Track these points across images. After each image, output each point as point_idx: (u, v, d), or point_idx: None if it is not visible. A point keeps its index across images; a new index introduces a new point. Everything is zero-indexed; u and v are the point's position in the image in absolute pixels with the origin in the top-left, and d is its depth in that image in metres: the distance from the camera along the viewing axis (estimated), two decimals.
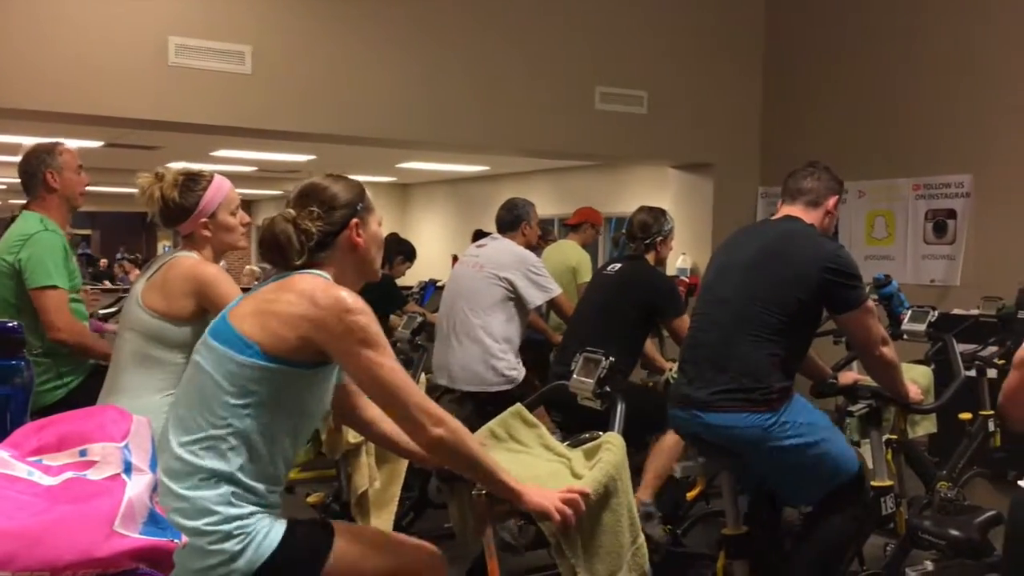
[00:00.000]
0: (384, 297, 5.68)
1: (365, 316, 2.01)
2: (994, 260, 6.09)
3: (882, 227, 7.30)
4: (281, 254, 2.10)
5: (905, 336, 3.82)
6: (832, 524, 2.91)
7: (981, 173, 6.63)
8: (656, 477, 3.70)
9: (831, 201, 3.06)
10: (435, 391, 4.73)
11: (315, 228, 2.11)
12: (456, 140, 6.51)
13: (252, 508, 1.98)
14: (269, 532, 1.98)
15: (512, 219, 4.66)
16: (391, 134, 6.18)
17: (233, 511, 1.95)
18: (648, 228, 3.98)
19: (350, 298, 2.01)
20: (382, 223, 2.31)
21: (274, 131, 5.82)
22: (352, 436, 3.27)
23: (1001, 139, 6.48)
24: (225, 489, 1.95)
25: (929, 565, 2.30)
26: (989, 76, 6.56)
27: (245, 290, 2.31)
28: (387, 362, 2.01)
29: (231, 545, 1.92)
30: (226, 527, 1.93)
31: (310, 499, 3.90)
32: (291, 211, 2.12)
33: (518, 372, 4.35)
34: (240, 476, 1.97)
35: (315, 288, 2.02)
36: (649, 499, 3.68)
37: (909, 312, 3.95)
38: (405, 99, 6.01)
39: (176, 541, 1.28)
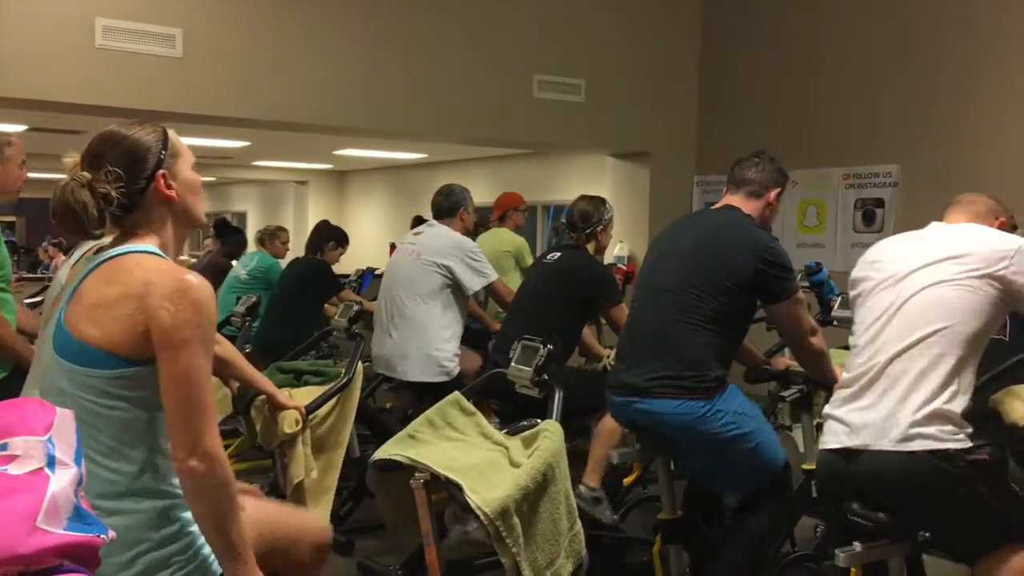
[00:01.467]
0: (320, 284, 5.63)
1: (206, 309, 1.81)
2: None
3: (813, 215, 7.45)
4: (78, 225, 1.83)
5: (835, 322, 3.90)
6: (760, 516, 2.97)
7: (908, 163, 6.81)
8: (600, 462, 3.73)
9: (772, 193, 3.10)
10: (373, 380, 4.69)
11: (115, 191, 1.84)
12: (393, 127, 6.46)
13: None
14: None
15: (449, 205, 4.63)
16: (327, 120, 6.10)
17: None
18: (589, 217, 3.99)
19: (195, 282, 1.81)
20: (195, 164, 2.01)
21: (206, 116, 5.70)
22: (288, 426, 3.22)
23: (927, 131, 6.66)
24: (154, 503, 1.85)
25: (858, 546, 2.35)
26: (916, 70, 6.73)
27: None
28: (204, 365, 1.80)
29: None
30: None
31: None
32: (85, 174, 1.85)
33: (455, 365, 4.33)
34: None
35: (149, 273, 1.81)
36: (596, 484, 3.71)
37: (839, 299, 4.04)
38: (341, 85, 5.94)
39: (103, 536, 1.25)
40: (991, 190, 5.15)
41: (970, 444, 2.25)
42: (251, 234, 8.18)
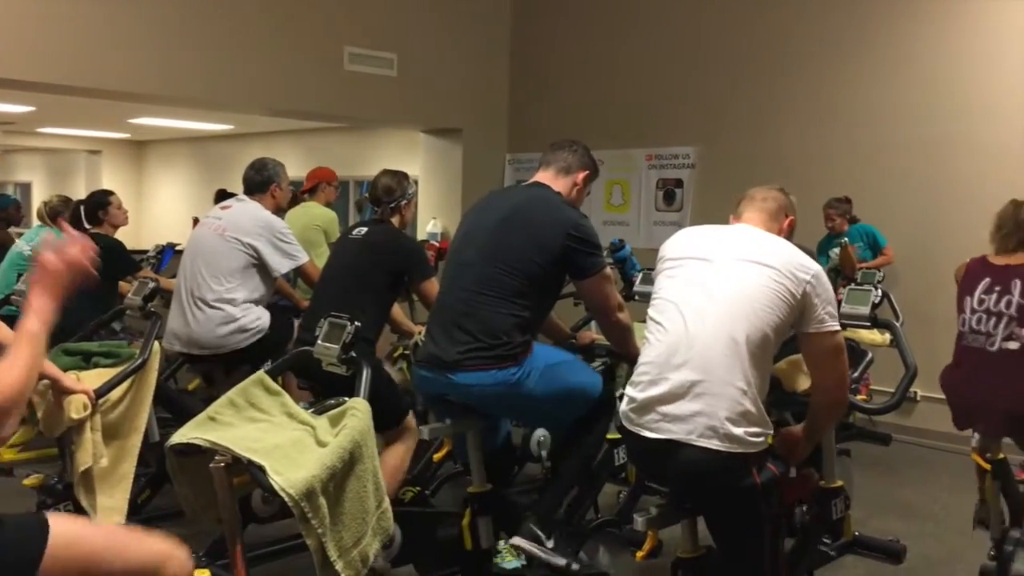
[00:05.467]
0: (114, 262, 5.27)
1: None
2: None
3: (619, 195, 7.74)
4: None
5: (637, 297, 4.06)
6: (590, 434, 3.08)
7: (704, 145, 7.19)
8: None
9: (581, 175, 3.17)
10: (172, 361, 4.47)
11: None
12: (194, 96, 6.15)
13: None
14: None
15: (262, 180, 4.44)
16: (120, 86, 5.72)
17: None
18: (392, 192, 3.93)
19: None
20: None
21: None
22: (75, 411, 3.02)
23: (721, 115, 7.05)
24: None
25: (654, 510, 2.47)
26: (713, 57, 7.09)
27: None
28: None
29: None
30: None
31: (27, 481, 3.56)
32: None
33: (264, 320, 4.18)
34: None
35: None
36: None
37: (640, 275, 4.20)
38: (138, 49, 5.58)
39: None
40: (780, 172, 5.54)
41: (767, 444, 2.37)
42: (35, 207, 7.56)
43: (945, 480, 5.18)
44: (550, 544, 2.85)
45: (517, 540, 2.87)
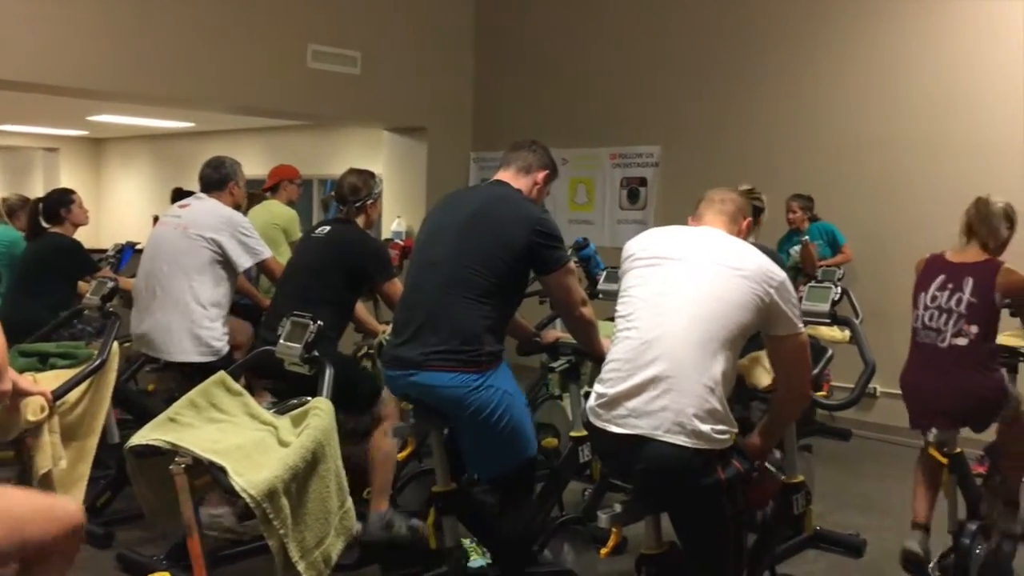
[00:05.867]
0: (72, 262, 5.20)
1: None
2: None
3: (583, 193, 7.76)
4: None
5: (601, 295, 4.08)
6: (520, 510, 3.04)
7: (668, 144, 7.23)
8: (384, 487, 3.58)
9: (541, 174, 3.18)
10: (135, 360, 4.41)
11: None
12: (154, 92, 6.07)
13: None
14: None
15: (219, 178, 4.41)
16: (78, 83, 5.64)
17: None
18: (358, 191, 3.91)
19: None
20: None
21: None
22: (32, 414, 2.96)
23: (685, 114, 7.10)
24: None
25: (618, 507, 2.48)
26: (677, 57, 7.14)
27: None
28: None
29: None
30: None
31: None
32: None
33: (223, 344, 4.15)
34: None
35: None
36: (385, 507, 3.52)
37: (604, 273, 4.22)
38: (94, 46, 5.50)
39: None
40: (743, 171, 5.59)
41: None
42: None
43: (904, 474, 5.25)
44: None
45: None
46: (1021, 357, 3.85)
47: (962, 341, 3.29)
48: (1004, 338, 3.64)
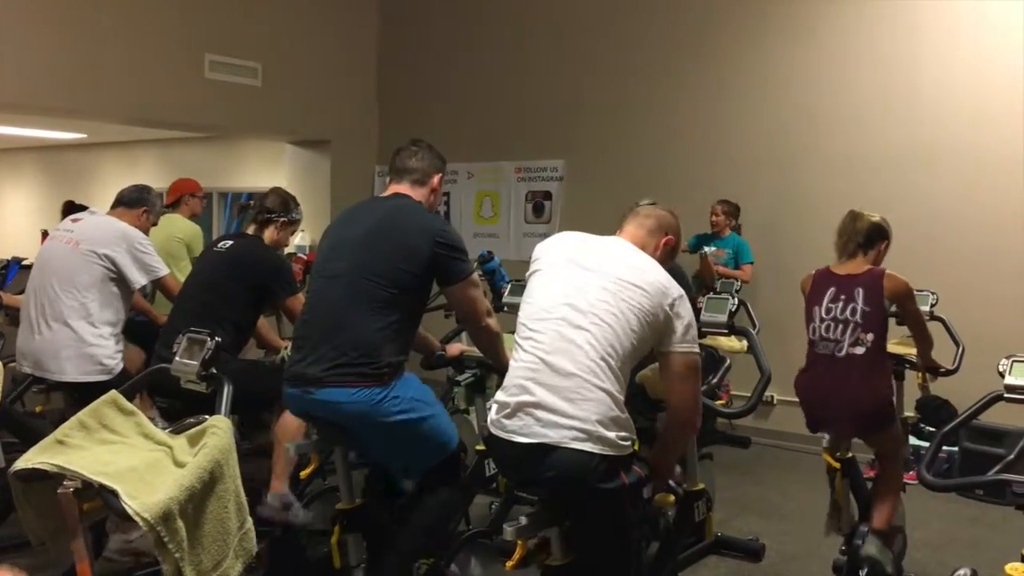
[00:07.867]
0: None
1: None
2: None
3: (489, 207, 7.79)
4: None
5: (506, 308, 4.09)
6: (439, 495, 3.04)
7: (572, 158, 7.33)
8: (285, 466, 3.60)
9: (435, 179, 3.18)
10: (20, 382, 4.21)
11: None
12: (42, 103, 5.83)
13: None
14: None
15: (136, 198, 4.30)
16: None
17: None
18: (286, 204, 3.94)
19: None
20: None
21: None
22: None
23: (586, 129, 7.21)
24: None
25: (523, 519, 2.48)
26: (580, 72, 7.24)
27: None
28: None
29: None
30: None
31: None
32: None
33: (117, 362, 4.00)
34: None
35: None
36: (285, 488, 3.57)
37: (509, 286, 4.23)
38: None
39: None
40: (644, 186, 5.70)
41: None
42: None
43: (801, 479, 5.42)
44: None
45: None
46: (907, 364, 4.02)
47: (859, 350, 3.42)
48: (892, 346, 3.79)
